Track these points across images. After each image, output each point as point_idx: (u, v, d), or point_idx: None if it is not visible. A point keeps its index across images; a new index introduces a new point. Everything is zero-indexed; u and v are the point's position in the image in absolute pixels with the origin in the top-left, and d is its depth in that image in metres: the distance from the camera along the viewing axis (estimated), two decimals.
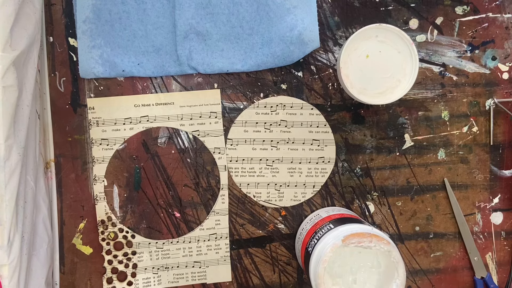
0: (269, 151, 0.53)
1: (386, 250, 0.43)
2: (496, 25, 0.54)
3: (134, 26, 0.53)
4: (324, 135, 0.53)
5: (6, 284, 0.44)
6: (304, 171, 0.54)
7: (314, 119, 0.53)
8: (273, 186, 0.54)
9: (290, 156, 0.53)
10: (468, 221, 0.55)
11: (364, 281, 0.44)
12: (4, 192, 0.44)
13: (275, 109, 0.53)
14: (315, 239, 0.46)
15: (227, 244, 0.54)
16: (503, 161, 0.55)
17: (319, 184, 0.54)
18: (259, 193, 0.54)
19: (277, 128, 0.53)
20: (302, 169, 0.54)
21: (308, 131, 0.53)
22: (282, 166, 0.53)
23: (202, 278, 0.55)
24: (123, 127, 0.54)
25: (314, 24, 0.53)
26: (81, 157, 0.55)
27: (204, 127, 0.54)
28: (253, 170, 0.53)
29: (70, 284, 0.55)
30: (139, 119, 0.53)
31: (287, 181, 0.54)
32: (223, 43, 0.53)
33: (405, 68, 0.48)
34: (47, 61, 0.54)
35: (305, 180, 0.54)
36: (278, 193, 0.54)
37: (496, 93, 0.54)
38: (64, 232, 0.55)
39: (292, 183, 0.54)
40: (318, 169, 0.54)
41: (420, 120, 0.54)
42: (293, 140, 0.53)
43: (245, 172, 0.53)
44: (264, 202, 0.54)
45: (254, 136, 0.53)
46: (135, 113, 0.53)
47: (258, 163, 0.53)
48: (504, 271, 0.56)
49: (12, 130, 0.45)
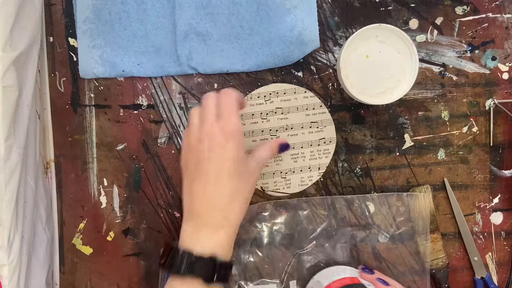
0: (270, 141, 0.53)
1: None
2: (496, 25, 0.54)
3: (134, 26, 0.53)
4: (321, 116, 0.53)
5: (6, 284, 0.44)
6: (307, 155, 0.54)
7: (309, 102, 0.53)
8: (279, 175, 0.54)
9: (291, 142, 0.53)
10: (468, 221, 0.55)
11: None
12: (4, 192, 0.44)
13: (269, 98, 0.53)
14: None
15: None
16: (503, 161, 0.55)
17: (324, 165, 0.54)
18: (266, 183, 0.54)
19: (274, 116, 0.53)
20: (305, 153, 0.54)
21: (305, 114, 0.53)
22: (284, 153, 0.53)
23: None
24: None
25: (314, 24, 0.53)
26: (81, 157, 0.55)
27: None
28: None
29: (70, 284, 0.55)
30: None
31: (292, 167, 0.54)
32: (223, 43, 0.53)
33: (405, 68, 0.48)
34: (47, 61, 0.54)
35: (310, 164, 0.54)
36: (284, 181, 0.54)
37: (496, 93, 0.54)
38: (64, 232, 0.55)
39: (297, 168, 0.54)
40: (321, 150, 0.54)
41: (420, 120, 0.54)
42: (292, 125, 0.53)
43: None
44: (272, 192, 0.54)
45: (252, 128, 0.53)
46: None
47: None
48: (504, 271, 0.56)
49: (12, 130, 0.45)
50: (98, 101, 0.54)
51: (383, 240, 0.55)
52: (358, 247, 0.54)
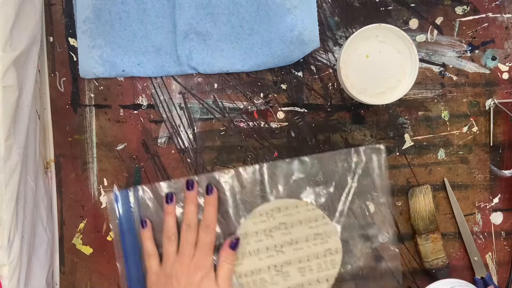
0: (275, 257, 0.52)
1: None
2: (496, 25, 0.54)
3: (134, 26, 0.53)
4: (325, 228, 0.53)
5: (6, 284, 0.44)
6: (314, 268, 0.53)
7: (311, 215, 0.53)
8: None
9: (297, 256, 0.52)
10: (468, 221, 0.55)
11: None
12: (4, 192, 0.44)
13: (271, 215, 0.52)
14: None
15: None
16: (503, 161, 0.55)
17: (332, 276, 0.53)
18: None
19: (278, 232, 0.52)
20: (312, 265, 0.52)
21: (308, 227, 0.52)
22: (291, 268, 0.52)
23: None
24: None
25: (314, 24, 0.53)
26: (81, 157, 0.55)
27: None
28: (264, 280, 0.52)
29: (70, 284, 0.55)
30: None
31: (300, 281, 0.53)
32: (223, 43, 0.53)
33: (405, 68, 0.48)
34: (47, 61, 0.54)
35: (318, 276, 0.53)
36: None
37: (496, 93, 0.54)
38: (64, 232, 0.55)
39: (306, 282, 0.53)
40: (327, 261, 0.53)
41: (420, 120, 0.54)
42: (296, 240, 0.52)
43: (256, 284, 0.52)
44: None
45: (257, 246, 0.52)
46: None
47: (267, 271, 0.52)
48: (504, 271, 0.56)
49: (12, 130, 0.45)
50: (98, 101, 0.54)
51: (383, 240, 0.55)
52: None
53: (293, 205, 0.52)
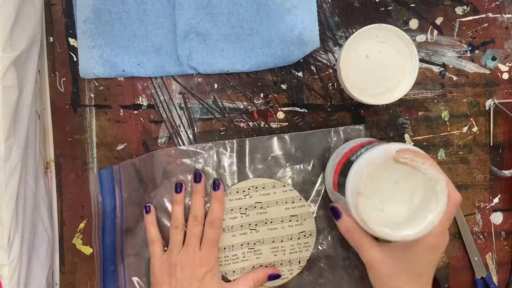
0: (249, 235, 0.53)
1: (433, 178, 0.39)
2: (496, 25, 0.54)
3: (134, 26, 0.53)
4: (301, 210, 0.53)
5: (6, 284, 0.44)
6: (287, 249, 0.53)
7: (288, 196, 0.53)
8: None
9: (270, 236, 0.53)
10: (468, 221, 0.55)
11: (392, 212, 0.41)
12: (4, 192, 0.44)
13: (248, 193, 0.53)
14: (362, 150, 0.43)
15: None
16: (503, 161, 0.55)
17: (304, 258, 0.53)
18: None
19: (253, 210, 0.53)
20: (285, 246, 0.53)
21: (284, 208, 0.53)
22: (264, 247, 0.53)
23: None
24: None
25: (314, 24, 0.53)
26: (81, 157, 0.55)
27: None
28: (236, 257, 0.53)
29: (70, 284, 0.55)
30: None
31: (271, 261, 0.53)
32: (223, 43, 0.53)
33: (405, 68, 0.48)
34: (47, 61, 0.54)
35: (290, 257, 0.53)
36: None
37: (496, 93, 0.54)
38: (64, 232, 0.55)
39: (277, 262, 0.53)
40: (301, 244, 0.53)
41: (420, 120, 0.54)
42: (271, 219, 0.53)
43: (229, 260, 0.53)
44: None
45: (231, 223, 0.53)
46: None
47: (240, 248, 0.53)
48: (504, 271, 0.56)
49: (12, 130, 0.45)
50: (98, 101, 0.54)
51: None
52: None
53: (271, 184, 0.53)
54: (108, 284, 0.53)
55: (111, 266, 0.53)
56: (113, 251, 0.53)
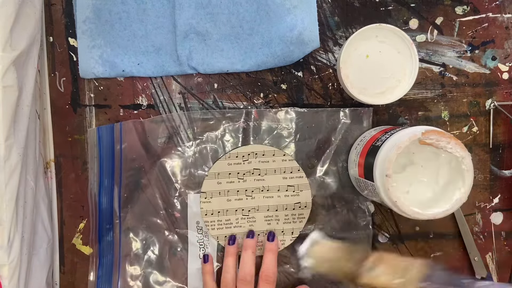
0: (244, 201, 0.53)
1: (460, 156, 0.42)
2: (496, 25, 0.54)
3: (134, 26, 0.53)
4: (298, 180, 0.53)
5: (6, 284, 0.44)
6: (281, 218, 0.53)
7: (287, 165, 0.53)
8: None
9: (266, 204, 0.53)
10: (468, 221, 0.55)
11: (418, 193, 0.43)
12: (4, 192, 0.44)
13: (247, 158, 0.53)
14: (387, 135, 0.45)
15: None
16: (503, 161, 0.55)
17: (297, 230, 0.53)
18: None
19: (251, 177, 0.53)
20: (279, 216, 0.53)
21: (282, 177, 0.53)
22: (258, 215, 0.53)
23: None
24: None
25: (314, 24, 0.53)
26: (81, 157, 0.55)
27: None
28: (229, 222, 0.53)
29: (70, 284, 0.55)
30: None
31: (264, 229, 0.53)
32: (223, 43, 0.53)
33: (405, 68, 0.48)
34: (47, 61, 0.54)
35: (283, 227, 0.53)
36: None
37: (496, 93, 0.54)
38: (64, 232, 0.55)
39: (271, 231, 0.53)
40: (295, 215, 0.53)
41: (420, 120, 0.54)
42: (268, 187, 0.53)
43: (222, 224, 0.53)
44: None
45: (228, 187, 0.53)
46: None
47: (234, 214, 0.53)
48: (504, 271, 0.56)
49: (12, 130, 0.45)
50: (98, 101, 0.54)
51: (383, 240, 0.55)
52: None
53: (271, 152, 0.53)
54: (102, 236, 0.54)
55: (107, 225, 0.54)
56: (111, 214, 0.54)
